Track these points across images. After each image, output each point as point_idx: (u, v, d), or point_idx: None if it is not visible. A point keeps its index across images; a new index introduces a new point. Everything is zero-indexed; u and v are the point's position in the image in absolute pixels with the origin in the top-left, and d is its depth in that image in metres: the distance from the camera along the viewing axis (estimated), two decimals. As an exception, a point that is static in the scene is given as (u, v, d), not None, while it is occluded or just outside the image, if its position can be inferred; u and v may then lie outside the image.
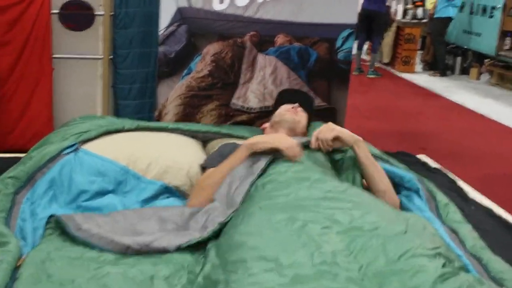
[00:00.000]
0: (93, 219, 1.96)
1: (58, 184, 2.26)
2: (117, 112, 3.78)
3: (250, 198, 2.01)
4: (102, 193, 2.30)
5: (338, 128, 2.39)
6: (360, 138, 2.36)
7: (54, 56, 3.77)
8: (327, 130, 2.39)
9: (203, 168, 2.51)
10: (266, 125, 2.76)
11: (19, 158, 2.48)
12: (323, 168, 2.29)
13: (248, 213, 1.86)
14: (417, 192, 2.30)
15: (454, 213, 2.16)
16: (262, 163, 2.20)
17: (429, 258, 1.63)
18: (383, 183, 2.32)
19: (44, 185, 2.24)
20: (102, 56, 3.78)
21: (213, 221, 1.95)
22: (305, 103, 2.79)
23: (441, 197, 2.25)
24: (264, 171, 2.17)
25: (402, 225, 1.79)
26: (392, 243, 1.68)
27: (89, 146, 2.44)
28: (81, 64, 3.83)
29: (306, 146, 2.42)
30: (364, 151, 2.34)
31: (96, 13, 3.72)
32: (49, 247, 1.85)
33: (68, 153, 2.36)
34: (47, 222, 2.01)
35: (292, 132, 2.60)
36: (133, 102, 3.72)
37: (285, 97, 2.88)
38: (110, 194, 2.31)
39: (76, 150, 2.40)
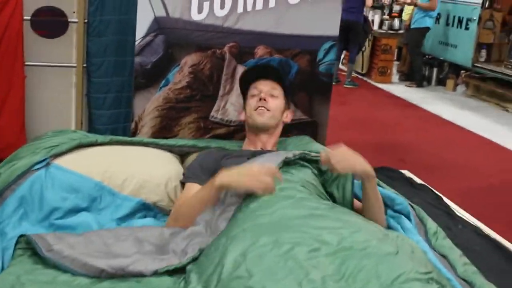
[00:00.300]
0: (66, 239, 1.85)
1: (29, 201, 2.14)
2: (92, 122, 3.68)
3: (234, 219, 1.92)
4: (75, 210, 2.19)
5: (358, 161, 2.09)
6: (373, 173, 2.14)
7: (26, 63, 3.66)
8: (346, 163, 2.07)
9: (183, 183, 2.40)
10: (243, 116, 2.64)
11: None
12: (312, 187, 2.18)
13: (231, 236, 1.77)
14: (406, 216, 2.22)
15: (443, 239, 2.09)
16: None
17: (422, 283, 1.57)
18: (378, 214, 2.19)
19: (13, 203, 2.12)
20: (75, 64, 3.67)
21: (194, 246, 1.86)
22: (273, 76, 2.59)
23: (431, 225, 2.18)
24: None
25: (392, 245, 1.71)
26: (384, 264, 1.60)
27: (61, 161, 2.32)
28: (54, 72, 3.73)
29: (291, 162, 2.29)
30: (374, 187, 2.16)
31: (69, 20, 3.62)
32: (19, 270, 1.74)
33: (38, 169, 2.24)
34: (17, 242, 1.90)
35: (272, 128, 2.52)
36: (107, 112, 3.62)
37: (249, 78, 2.65)
38: (84, 211, 2.20)
39: (47, 165, 2.27)
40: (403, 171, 3.31)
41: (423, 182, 3.08)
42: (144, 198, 2.33)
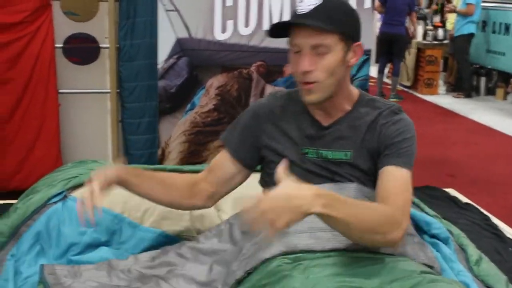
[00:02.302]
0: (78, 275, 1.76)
1: (45, 237, 2.05)
2: (127, 148, 3.64)
3: None
4: (94, 245, 2.08)
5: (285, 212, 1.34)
6: (319, 210, 1.39)
7: (60, 91, 3.66)
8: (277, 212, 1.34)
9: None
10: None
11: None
12: None
13: None
14: (444, 241, 2.01)
15: (487, 263, 1.89)
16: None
17: None
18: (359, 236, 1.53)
19: (29, 239, 2.03)
20: (109, 90, 3.64)
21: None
22: (316, 19, 1.60)
23: (473, 251, 1.95)
24: None
25: None
26: None
27: (78, 193, 2.19)
28: (88, 99, 3.72)
29: None
30: (336, 218, 1.43)
31: (101, 45, 3.61)
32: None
33: (55, 202, 2.15)
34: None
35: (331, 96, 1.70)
36: (142, 137, 3.56)
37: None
38: (103, 246, 2.10)
39: (64, 198, 2.18)
40: (447, 189, 3.12)
41: (469, 201, 2.88)
42: (166, 230, 2.22)
